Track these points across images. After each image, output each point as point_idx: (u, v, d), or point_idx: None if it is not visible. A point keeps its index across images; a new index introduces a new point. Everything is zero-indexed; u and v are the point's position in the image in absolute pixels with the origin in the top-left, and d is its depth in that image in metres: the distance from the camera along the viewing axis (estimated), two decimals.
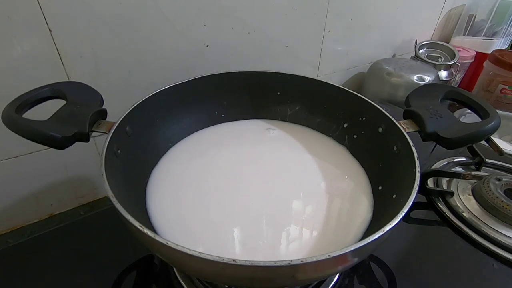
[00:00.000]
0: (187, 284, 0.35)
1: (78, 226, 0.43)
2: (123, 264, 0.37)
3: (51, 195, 0.44)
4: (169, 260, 0.26)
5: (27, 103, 0.30)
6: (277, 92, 0.47)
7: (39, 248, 0.40)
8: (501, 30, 0.81)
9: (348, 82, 0.75)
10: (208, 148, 0.41)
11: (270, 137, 0.44)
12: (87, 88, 0.34)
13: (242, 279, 0.23)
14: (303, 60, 0.62)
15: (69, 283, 0.35)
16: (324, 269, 0.24)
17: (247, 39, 0.50)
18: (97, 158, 0.45)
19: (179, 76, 0.41)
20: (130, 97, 0.36)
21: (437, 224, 0.43)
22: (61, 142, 0.28)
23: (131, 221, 0.22)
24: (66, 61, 0.37)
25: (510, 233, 0.40)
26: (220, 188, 0.36)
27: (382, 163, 0.37)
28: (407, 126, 0.34)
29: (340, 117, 0.44)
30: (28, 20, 0.33)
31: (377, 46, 0.76)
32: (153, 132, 0.39)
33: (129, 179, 0.32)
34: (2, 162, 0.38)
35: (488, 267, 0.38)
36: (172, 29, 0.43)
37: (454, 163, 0.52)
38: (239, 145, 0.42)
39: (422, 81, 0.66)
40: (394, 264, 0.38)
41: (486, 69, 0.75)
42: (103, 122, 0.32)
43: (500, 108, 0.59)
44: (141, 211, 0.33)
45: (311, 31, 0.59)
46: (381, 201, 0.35)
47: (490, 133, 0.32)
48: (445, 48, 0.78)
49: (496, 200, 0.42)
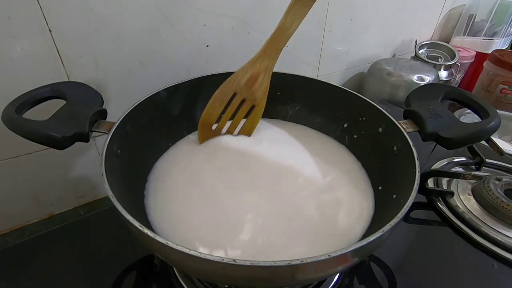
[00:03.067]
0: (187, 284, 0.35)
1: (78, 226, 0.43)
2: (123, 264, 0.37)
3: (51, 195, 0.44)
4: (169, 260, 0.26)
5: (27, 103, 0.30)
6: (277, 92, 0.47)
7: (39, 248, 0.40)
8: (501, 30, 0.81)
9: (348, 82, 0.75)
10: (208, 147, 0.41)
11: (271, 136, 0.44)
12: (87, 88, 0.34)
13: (242, 279, 0.23)
14: (303, 60, 0.62)
15: (69, 283, 0.35)
16: (324, 269, 0.24)
17: (247, 39, 0.50)
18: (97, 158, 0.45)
19: (179, 76, 0.41)
20: (130, 97, 0.36)
21: (437, 224, 0.43)
22: (61, 142, 0.28)
23: (131, 221, 0.22)
24: (66, 61, 0.37)
25: (510, 233, 0.40)
26: (220, 188, 0.36)
27: (382, 163, 0.37)
28: (407, 126, 0.34)
29: (340, 117, 0.44)
30: (28, 20, 0.33)
31: (377, 46, 0.76)
32: (153, 132, 0.39)
33: (129, 179, 0.33)
34: (2, 162, 0.38)
35: (488, 267, 0.38)
36: (172, 29, 0.43)
37: (454, 163, 0.52)
38: (239, 144, 0.42)
39: (422, 81, 0.66)
40: (394, 264, 0.38)
41: (486, 69, 0.75)
42: (103, 122, 0.32)
43: (500, 108, 0.59)
44: (141, 211, 0.33)
45: (311, 31, 0.59)
46: (381, 201, 0.35)
47: (490, 133, 0.32)
48: (445, 48, 0.78)
49: (496, 200, 0.42)
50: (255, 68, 0.38)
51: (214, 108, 0.39)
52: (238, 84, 0.38)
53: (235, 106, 0.40)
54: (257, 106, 0.41)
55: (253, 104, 0.40)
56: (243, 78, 0.38)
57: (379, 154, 0.38)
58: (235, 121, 0.42)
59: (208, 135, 0.41)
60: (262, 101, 0.41)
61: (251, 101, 0.40)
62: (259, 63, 0.37)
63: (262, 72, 0.38)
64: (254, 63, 0.37)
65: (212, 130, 0.41)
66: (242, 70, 0.38)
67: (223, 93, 0.38)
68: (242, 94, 0.39)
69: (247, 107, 0.40)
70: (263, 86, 0.39)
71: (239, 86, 0.38)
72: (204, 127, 0.40)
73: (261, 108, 0.41)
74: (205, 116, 0.39)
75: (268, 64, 0.38)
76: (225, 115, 0.40)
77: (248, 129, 0.43)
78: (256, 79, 0.38)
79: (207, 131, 0.41)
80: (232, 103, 0.39)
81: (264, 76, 0.38)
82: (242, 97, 0.39)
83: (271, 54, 0.37)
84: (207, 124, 0.40)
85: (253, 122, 0.42)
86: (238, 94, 0.39)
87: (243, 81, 0.38)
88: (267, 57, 0.37)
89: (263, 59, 0.37)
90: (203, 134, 0.41)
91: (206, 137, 0.41)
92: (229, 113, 0.40)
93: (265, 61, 0.37)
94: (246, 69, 0.37)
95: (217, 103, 0.39)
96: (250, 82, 0.38)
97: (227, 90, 0.38)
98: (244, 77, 0.38)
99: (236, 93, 0.39)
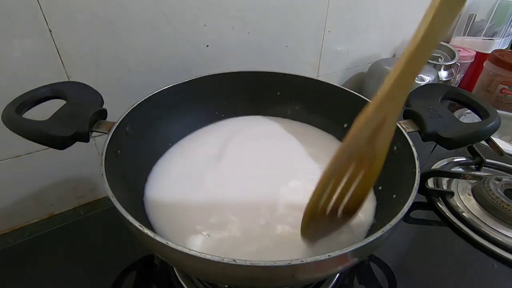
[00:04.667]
0: (187, 284, 0.35)
1: (78, 226, 0.43)
2: (123, 264, 0.37)
3: (51, 195, 0.44)
4: (169, 260, 0.26)
5: (27, 103, 0.30)
6: (277, 92, 0.47)
7: (39, 248, 0.40)
8: (501, 30, 0.81)
9: (348, 82, 0.75)
10: (208, 147, 0.41)
11: (271, 135, 0.44)
12: (87, 88, 0.34)
13: (242, 279, 0.23)
14: (303, 60, 0.62)
15: (69, 283, 0.35)
16: (324, 269, 0.24)
17: (247, 39, 0.50)
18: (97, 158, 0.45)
19: (179, 76, 0.41)
20: (130, 97, 0.36)
21: (437, 224, 0.43)
22: (61, 142, 0.28)
23: (131, 221, 0.22)
24: (66, 61, 0.37)
25: (510, 233, 0.40)
26: (221, 187, 0.36)
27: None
28: (407, 126, 0.34)
29: (340, 117, 0.44)
30: (28, 20, 0.33)
31: (377, 46, 0.76)
32: (153, 132, 0.39)
33: (129, 179, 0.33)
34: (2, 162, 0.38)
35: (488, 267, 0.38)
36: (172, 29, 0.43)
37: (454, 163, 0.52)
38: (239, 143, 0.42)
39: (422, 81, 0.66)
40: (394, 264, 0.38)
41: (486, 69, 0.75)
42: (103, 122, 0.32)
43: (500, 108, 0.59)
44: (141, 211, 0.33)
45: (311, 31, 0.59)
46: (381, 201, 0.35)
47: (490, 133, 0.32)
48: (445, 48, 0.78)
49: (496, 200, 0.42)
50: (383, 112, 0.22)
51: (324, 191, 0.26)
52: (358, 146, 0.24)
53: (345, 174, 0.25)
54: (372, 165, 0.26)
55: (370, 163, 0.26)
56: (364, 134, 0.23)
57: None
58: (342, 193, 0.26)
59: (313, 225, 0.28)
60: (382, 157, 0.26)
61: (368, 160, 0.25)
62: (389, 103, 0.22)
63: (391, 113, 0.23)
64: (381, 105, 0.22)
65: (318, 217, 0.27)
66: (365, 122, 0.23)
67: (336, 167, 0.25)
68: (360, 155, 0.25)
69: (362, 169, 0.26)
70: (387, 135, 0.24)
71: (359, 148, 0.24)
72: (312, 218, 0.27)
73: (379, 167, 0.26)
74: (313, 204, 0.26)
75: (399, 100, 0.22)
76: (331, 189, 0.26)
77: (356, 199, 0.27)
78: (382, 127, 0.23)
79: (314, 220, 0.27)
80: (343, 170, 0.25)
81: (392, 118, 0.23)
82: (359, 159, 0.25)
83: (406, 83, 0.21)
84: (314, 214, 0.27)
85: (364, 188, 0.27)
86: (354, 158, 0.25)
87: (364, 139, 0.24)
88: (400, 89, 0.22)
89: (393, 95, 0.22)
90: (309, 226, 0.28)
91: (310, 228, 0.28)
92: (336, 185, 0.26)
93: (397, 97, 0.22)
94: (368, 119, 0.22)
95: (327, 184, 0.25)
96: (374, 135, 0.24)
97: (342, 160, 0.24)
98: (365, 132, 0.23)
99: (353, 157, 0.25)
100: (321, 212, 0.27)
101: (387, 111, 0.22)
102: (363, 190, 0.27)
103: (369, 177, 0.26)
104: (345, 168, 0.25)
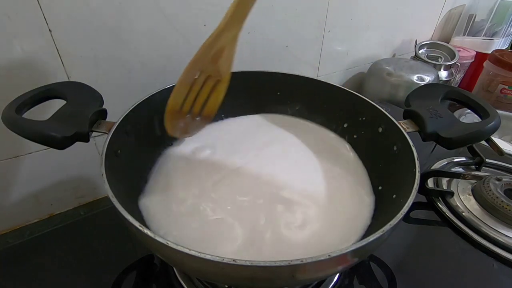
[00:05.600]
0: (187, 284, 0.35)
1: (78, 226, 0.44)
2: (123, 264, 0.37)
3: (51, 195, 0.44)
4: (169, 260, 0.26)
5: (27, 103, 0.30)
6: (277, 92, 0.47)
7: (39, 248, 0.40)
8: (501, 30, 0.81)
9: (348, 82, 0.75)
10: (208, 146, 0.41)
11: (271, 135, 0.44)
12: (87, 88, 0.34)
13: (242, 279, 0.23)
14: (303, 60, 0.62)
15: (69, 283, 0.35)
16: (324, 269, 0.24)
17: (247, 39, 0.50)
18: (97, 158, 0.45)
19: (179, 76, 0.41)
20: (130, 97, 0.36)
21: (437, 224, 0.43)
22: (61, 142, 0.28)
23: (131, 221, 0.22)
24: (66, 61, 0.37)
25: (510, 233, 0.40)
26: (221, 187, 0.36)
27: (382, 163, 0.37)
28: (407, 126, 0.34)
29: (340, 117, 0.44)
30: (28, 20, 0.33)
31: (377, 46, 0.76)
32: (153, 132, 0.39)
33: (129, 179, 0.33)
34: (2, 162, 0.38)
35: (488, 267, 0.38)
36: (172, 29, 0.43)
37: (454, 163, 0.52)
38: (239, 143, 0.42)
39: (422, 81, 0.66)
40: (394, 264, 0.38)
41: (486, 69, 0.75)
42: (103, 122, 0.32)
43: (500, 108, 0.59)
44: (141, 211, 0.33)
45: (311, 31, 0.59)
46: (381, 201, 0.35)
47: (490, 133, 0.32)
48: (445, 48, 0.78)
49: (496, 200, 0.42)
50: (221, 41, 0.32)
51: (181, 94, 0.34)
52: (203, 63, 0.33)
53: (199, 86, 0.36)
54: (221, 82, 0.37)
55: (218, 80, 0.36)
56: (208, 55, 0.33)
57: (379, 154, 0.38)
58: (199, 100, 0.37)
59: (176, 123, 0.37)
60: (227, 76, 0.36)
61: (216, 77, 0.36)
62: (225, 35, 0.32)
63: (228, 44, 0.33)
64: (219, 35, 0.32)
65: (179, 116, 0.36)
66: (207, 46, 0.32)
67: (188, 76, 0.34)
68: (207, 71, 0.35)
69: (212, 83, 0.36)
70: (228, 59, 0.35)
71: (204, 65, 0.34)
72: (172, 116, 0.35)
73: (226, 83, 0.37)
74: (172, 103, 0.34)
75: (234, 33, 0.33)
76: (189, 97, 0.35)
77: (211, 107, 0.38)
78: (222, 53, 0.33)
79: (175, 119, 0.36)
80: (196, 82, 0.35)
81: (230, 48, 0.34)
82: (207, 74, 0.35)
83: (238, 21, 0.32)
84: (175, 112, 0.35)
85: (217, 99, 0.38)
86: (203, 73, 0.35)
87: (208, 58, 0.33)
88: (233, 25, 0.32)
89: (229, 29, 0.32)
90: (172, 123, 0.35)
91: (174, 125, 0.36)
92: (194, 94, 0.36)
93: (231, 30, 0.32)
94: (211, 44, 0.32)
95: (182, 88, 0.34)
96: (216, 57, 0.34)
97: (192, 72, 0.34)
98: (209, 53, 0.33)
99: (201, 71, 0.35)
100: (184, 112, 0.36)
101: (225, 41, 0.32)
102: (215, 100, 0.38)
103: (219, 91, 0.37)
104: (198, 79, 0.34)
